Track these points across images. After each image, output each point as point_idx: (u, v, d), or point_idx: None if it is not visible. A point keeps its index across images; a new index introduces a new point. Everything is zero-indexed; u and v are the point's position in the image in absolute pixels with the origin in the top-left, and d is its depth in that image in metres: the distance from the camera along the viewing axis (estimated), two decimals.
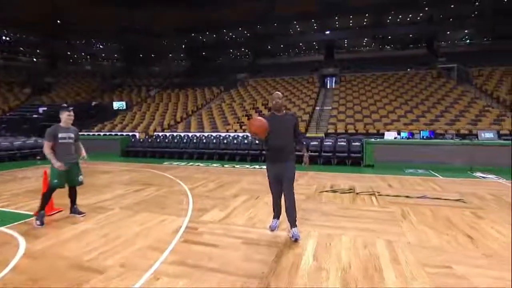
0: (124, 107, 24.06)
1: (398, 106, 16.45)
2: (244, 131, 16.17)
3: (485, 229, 3.68)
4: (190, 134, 15.67)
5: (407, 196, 5.34)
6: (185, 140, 12.12)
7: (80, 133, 4.73)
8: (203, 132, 16.16)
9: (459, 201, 5.05)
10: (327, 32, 29.52)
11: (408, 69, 22.65)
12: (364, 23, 28.56)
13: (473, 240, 3.31)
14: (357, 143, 9.50)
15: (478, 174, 7.61)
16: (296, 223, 3.37)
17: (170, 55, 36.34)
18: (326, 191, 5.77)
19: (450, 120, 13.74)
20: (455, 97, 16.70)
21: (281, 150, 3.27)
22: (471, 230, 3.65)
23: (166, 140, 12.33)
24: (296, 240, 3.26)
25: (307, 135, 15.18)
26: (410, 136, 9.95)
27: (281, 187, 3.37)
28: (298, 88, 22.60)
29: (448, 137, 9.59)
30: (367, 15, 27.33)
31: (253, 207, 4.65)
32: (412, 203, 4.90)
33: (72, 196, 4.24)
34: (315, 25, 29.77)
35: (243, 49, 34.51)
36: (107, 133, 17.59)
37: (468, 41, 27.95)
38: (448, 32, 27.14)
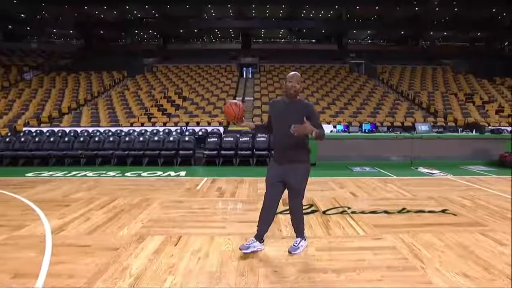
0: None
1: (320, 97, 16.13)
2: (153, 124, 13.25)
3: None
4: (79, 130, 11.95)
5: (386, 212, 4.02)
6: (67, 139, 8.68)
7: None
8: (98, 126, 12.61)
9: (445, 212, 4.01)
10: (244, 20, 28.08)
11: (324, 64, 23.07)
12: (280, 14, 28.18)
13: None
14: None
15: (423, 169, 7.08)
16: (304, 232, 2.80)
17: (54, 30, 29.11)
18: (281, 212, 3.99)
19: (371, 113, 13.91)
20: (369, 90, 17.38)
21: (285, 148, 2.60)
22: None
23: (37, 139, 8.62)
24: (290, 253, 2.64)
25: (230, 128, 13.33)
26: (346, 129, 9.14)
27: (279, 195, 2.67)
28: (215, 77, 20.55)
29: (382, 129, 9.12)
30: (283, 6, 26.92)
31: (175, 267, 2.49)
32: (402, 224, 3.57)
33: None
34: (231, 11, 27.94)
35: (151, 31, 30.13)
36: None
37: (369, 41, 30.58)
38: (355, 31, 29.01)
